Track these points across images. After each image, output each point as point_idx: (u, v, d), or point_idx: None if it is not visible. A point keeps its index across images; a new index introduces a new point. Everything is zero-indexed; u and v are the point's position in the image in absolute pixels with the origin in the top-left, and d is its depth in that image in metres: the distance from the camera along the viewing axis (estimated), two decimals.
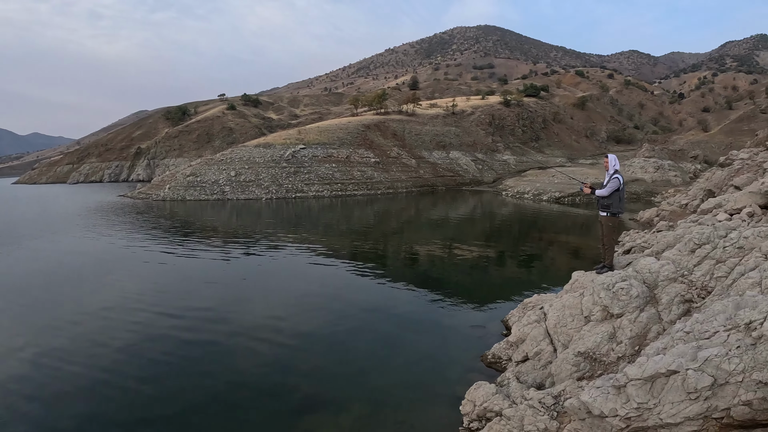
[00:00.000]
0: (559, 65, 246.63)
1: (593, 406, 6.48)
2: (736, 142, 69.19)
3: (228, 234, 30.69)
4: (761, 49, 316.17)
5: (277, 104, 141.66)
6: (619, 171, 11.74)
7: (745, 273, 8.37)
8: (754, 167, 24.27)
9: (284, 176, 56.26)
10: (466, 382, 9.69)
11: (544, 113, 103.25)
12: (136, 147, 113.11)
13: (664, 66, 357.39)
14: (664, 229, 19.56)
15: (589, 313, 9.41)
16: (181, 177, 55.86)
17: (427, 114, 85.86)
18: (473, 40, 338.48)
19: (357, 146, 66.18)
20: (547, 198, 50.91)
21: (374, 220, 39.75)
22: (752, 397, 5.54)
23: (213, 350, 12.45)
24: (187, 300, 16.72)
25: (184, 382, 10.73)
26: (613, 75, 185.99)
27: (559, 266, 21.43)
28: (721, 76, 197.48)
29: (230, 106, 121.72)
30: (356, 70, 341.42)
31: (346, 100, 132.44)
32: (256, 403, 9.83)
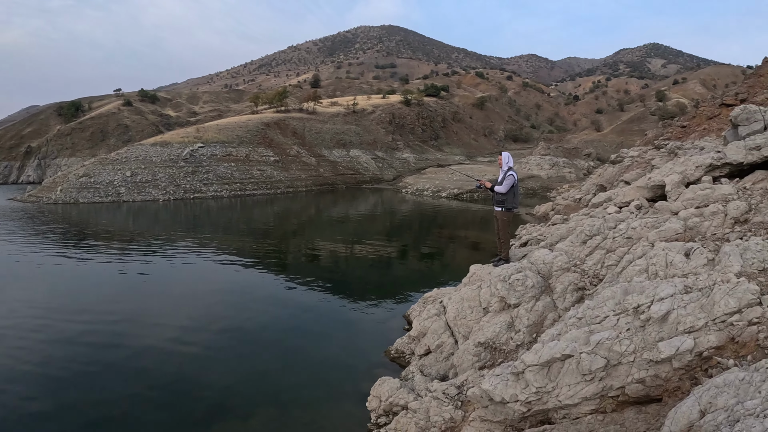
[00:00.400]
0: (460, 66, 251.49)
1: (494, 393, 6.59)
2: (626, 141, 72.67)
3: (124, 238, 29.31)
4: (653, 57, 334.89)
5: (175, 101, 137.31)
6: (513, 168, 12.01)
7: (633, 261, 8.77)
8: (643, 164, 25.58)
9: (182, 176, 54.52)
10: (371, 378, 9.66)
11: (444, 113, 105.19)
12: (26, 146, 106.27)
13: (561, 70, 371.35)
14: (559, 222, 20.27)
15: (488, 304, 9.60)
16: (74, 178, 52.96)
17: (328, 112, 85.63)
18: (377, 39, 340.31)
19: (257, 145, 65.10)
20: (446, 195, 51.88)
21: (275, 220, 39.24)
22: (644, 375, 5.78)
23: (111, 362, 11.82)
24: (82, 310, 15.79)
25: (80, 398, 10.13)
26: (512, 77, 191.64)
27: (459, 261, 21.83)
28: (615, 81, 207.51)
29: (126, 102, 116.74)
30: (258, 67, 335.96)
31: (246, 98, 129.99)
32: (160, 416, 9.42)
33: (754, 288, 6.08)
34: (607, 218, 11.71)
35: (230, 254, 24.35)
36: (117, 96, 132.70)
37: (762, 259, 7.25)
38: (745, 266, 7.19)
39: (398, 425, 8.02)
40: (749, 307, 5.90)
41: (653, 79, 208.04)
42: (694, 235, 9.51)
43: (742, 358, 5.53)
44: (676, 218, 10.33)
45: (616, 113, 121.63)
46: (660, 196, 15.00)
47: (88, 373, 11.21)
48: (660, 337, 5.96)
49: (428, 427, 7.63)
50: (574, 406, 6.14)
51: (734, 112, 16.06)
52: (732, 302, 5.93)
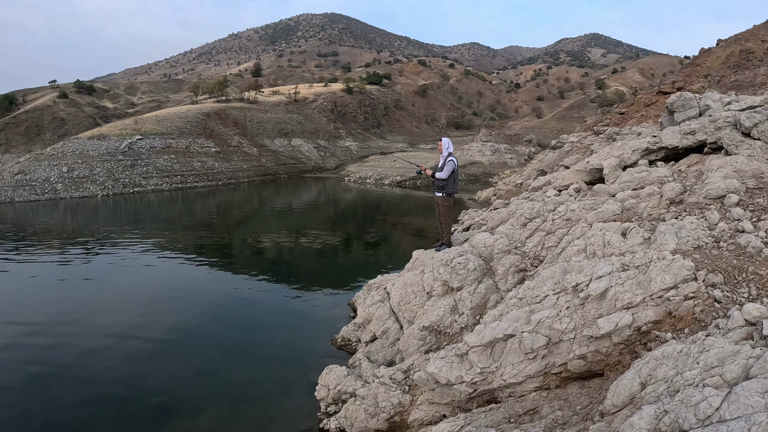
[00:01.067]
0: (402, 54, 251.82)
1: (440, 375, 6.62)
2: (567, 127, 73.94)
3: (63, 238, 28.24)
4: (593, 46, 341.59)
5: (113, 91, 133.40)
6: (452, 153, 12.06)
7: (572, 241, 8.93)
8: (582, 149, 26.10)
9: (120, 170, 52.96)
10: (319, 367, 9.61)
11: (386, 100, 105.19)
12: None
13: (502, 58, 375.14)
14: (500, 206, 20.52)
15: (431, 288, 9.64)
16: (9, 176, 50.72)
17: (269, 101, 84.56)
18: (319, 27, 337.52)
19: (197, 136, 63.78)
20: (389, 182, 51.98)
21: (217, 212, 38.60)
22: (585, 351, 5.90)
23: (55, 367, 11.41)
24: (21, 315, 15.19)
25: (27, 404, 9.78)
26: (454, 65, 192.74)
27: (403, 247, 21.88)
28: (555, 69, 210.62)
29: (62, 94, 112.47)
30: (198, 56, 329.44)
31: (186, 88, 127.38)
32: (109, 418, 9.18)
33: (689, 264, 6.26)
34: (547, 201, 11.90)
35: (173, 250, 23.84)
36: (52, 88, 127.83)
37: (696, 237, 7.47)
38: (680, 244, 7.39)
39: (347, 413, 8.01)
40: (685, 283, 6.07)
41: (593, 68, 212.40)
42: (631, 215, 9.74)
43: (679, 331, 5.69)
44: (613, 200, 10.56)
45: (557, 101, 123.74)
46: (598, 179, 15.32)
47: (33, 381, 10.78)
48: (599, 313, 6.08)
49: (377, 412, 7.64)
50: (519, 384, 6.22)
51: (670, 99, 16.50)
52: (668, 278, 6.09)
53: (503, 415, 6.02)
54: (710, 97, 15.98)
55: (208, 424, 8.89)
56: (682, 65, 66.69)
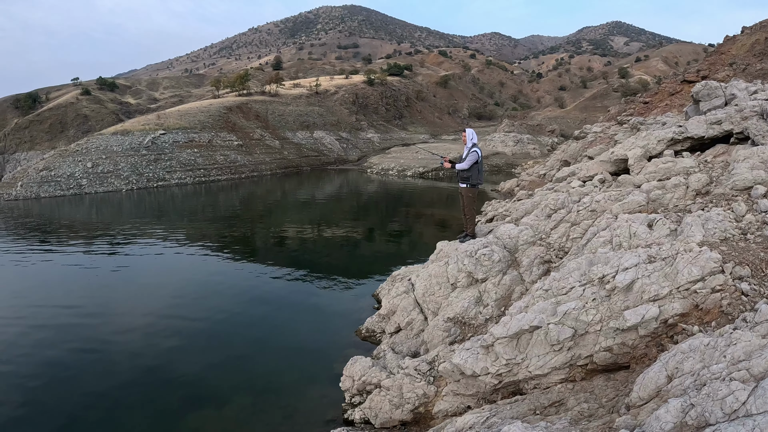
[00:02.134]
0: (423, 45, 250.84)
1: (465, 367, 6.65)
2: (590, 117, 73.26)
3: (89, 231, 28.66)
4: (615, 35, 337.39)
5: (135, 88, 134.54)
6: (477, 144, 12.03)
7: (598, 233, 8.88)
8: (606, 139, 25.93)
9: (144, 165, 53.43)
10: (343, 358, 9.67)
11: (407, 92, 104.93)
12: None
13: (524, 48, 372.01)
14: (524, 197, 20.46)
15: (455, 280, 9.66)
16: (34, 172, 51.49)
17: (290, 94, 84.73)
18: (338, 19, 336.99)
19: (219, 129, 64.14)
20: (412, 174, 51.91)
21: (240, 205, 38.86)
22: (612, 343, 5.89)
23: (84, 357, 11.64)
24: (52, 305, 15.46)
25: (56, 393, 9.98)
26: (475, 55, 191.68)
27: (426, 238, 21.90)
28: (578, 58, 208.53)
29: (85, 91, 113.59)
30: (218, 51, 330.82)
31: (207, 82, 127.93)
32: (136, 408, 9.32)
33: (716, 256, 6.21)
34: (571, 192, 11.86)
35: (197, 242, 24.08)
36: (75, 85, 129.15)
37: (723, 229, 7.41)
38: (707, 236, 7.34)
39: (372, 403, 8.07)
40: (712, 275, 6.03)
41: (616, 57, 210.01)
42: (656, 207, 9.67)
43: (706, 324, 5.66)
44: (638, 191, 10.48)
45: (579, 90, 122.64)
46: (623, 170, 15.20)
47: (61, 371, 11.01)
48: (625, 306, 6.07)
49: (402, 403, 7.69)
50: (544, 376, 6.23)
51: (696, 88, 16.28)
52: (695, 271, 6.05)
53: (528, 407, 6.03)
54: (736, 86, 15.78)
55: (233, 415, 8.99)
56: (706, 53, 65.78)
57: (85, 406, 9.55)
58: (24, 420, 9.18)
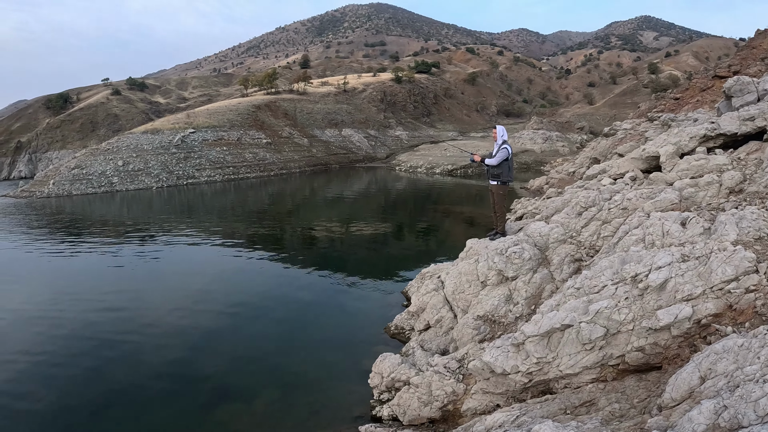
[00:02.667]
0: (450, 42, 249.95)
1: (495, 365, 6.64)
2: (619, 114, 72.49)
3: (120, 228, 29.20)
4: (645, 29, 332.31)
5: (164, 87, 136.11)
6: (507, 141, 11.98)
7: (630, 231, 8.79)
8: (636, 136, 25.59)
9: (174, 163, 54.11)
10: (372, 355, 9.71)
11: (435, 89, 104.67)
12: (15, 141, 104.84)
13: (552, 44, 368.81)
14: (553, 195, 20.33)
15: (485, 278, 9.63)
16: (66, 170, 52.42)
17: (318, 92, 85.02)
18: (365, 17, 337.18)
19: (248, 128, 64.65)
20: (440, 171, 51.78)
21: (269, 202, 39.15)
22: (644, 343, 5.84)
23: (114, 350, 11.85)
24: (82, 302, 15.75)
25: (85, 387, 10.17)
26: (502, 52, 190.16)
27: (455, 236, 21.85)
28: (606, 54, 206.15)
29: (115, 91, 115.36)
30: (246, 50, 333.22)
31: (235, 81, 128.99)
32: (165, 401, 9.49)
33: (750, 256, 6.13)
34: (602, 190, 11.74)
35: (226, 238, 24.35)
36: (105, 85, 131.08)
37: (758, 228, 7.29)
38: (741, 235, 7.23)
39: (401, 401, 8.09)
40: (746, 275, 5.95)
41: (645, 52, 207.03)
42: (689, 205, 9.55)
43: (740, 325, 5.59)
44: (671, 189, 10.36)
45: (609, 86, 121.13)
46: (654, 167, 15.03)
47: (92, 361, 11.26)
48: (658, 305, 6.01)
49: (431, 401, 7.71)
50: (575, 376, 6.20)
51: (727, 84, 16.03)
52: (729, 270, 5.98)
53: (559, 407, 6.01)
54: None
55: (261, 409, 9.07)
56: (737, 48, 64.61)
57: (114, 397, 9.74)
58: (54, 409, 9.41)
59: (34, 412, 9.32)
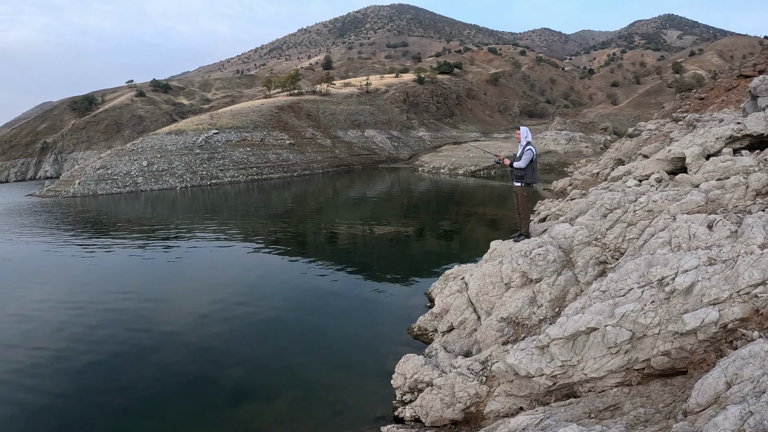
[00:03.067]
0: (472, 43, 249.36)
1: (519, 367, 6.64)
2: (644, 114, 71.87)
3: (145, 227, 29.60)
4: (668, 28, 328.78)
5: (188, 89, 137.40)
6: (531, 142, 11.97)
7: (656, 233, 8.73)
8: (661, 137, 25.36)
9: (198, 163, 54.63)
10: (395, 356, 9.72)
11: (457, 90, 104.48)
12: (42, 142, 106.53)
13: (574, 43, 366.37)
14: (577, 196, 20.22)
15: (509, 279, 9.63)
16: (91, 171, 53.18)
17: (341, 93, 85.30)
18: (387, 18, 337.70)
19: (271, 129, 65.04)
20: (463, 172, 51.66)
21: (292, 202, 39.35)
22: (670, 347, 5.81)
23: (136, 349, 12.00)
24: (107, 298, 16.02)
25: (109, 384, 10.31)
26: (525, 52, 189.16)
27: (478, 237, 21.81)
28: (630, 53, 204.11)
29: (139, 93, 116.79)
30: (269, 51, 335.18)
31: (258, 82, 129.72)
32: (187, 399, 9.58)
33: None
34: (627, 191, 11.67)
35: (249, 238, 24.55)
36: (129, 87, 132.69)
37: None
38: None
39: (423, 402, 8.11)
40: None
41: (669, 51, 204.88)
42: (715, 207, 9.47)
43: (766, 329, 5.54)
44: (697, 190, 10.28)
45: (632, 86, 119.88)
46: (680, 168, 14.91)
47: (115, 358, 11.45)
48: (685, 309, 5.98)
49: (453, 402, 7.72)
50: (600, 379, 6.18)
51: (753, 83, 15.87)
52: (756, 274, 5.92)
53: (583, 410, 5.99)
54: None
55: (283, 408, 9.11)
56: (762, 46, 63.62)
57: (136, 393, 9.87)
58: (75, 405, 9.58)
59: (55, 407, 9.51)
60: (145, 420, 9.01)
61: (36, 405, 9.61)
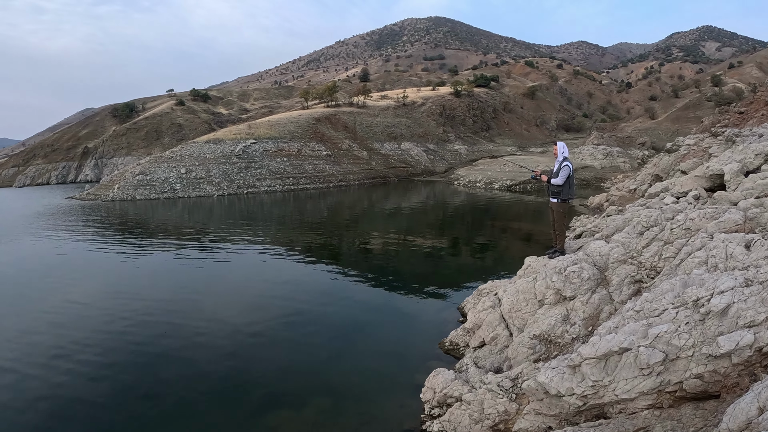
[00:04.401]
0: (509, 56, 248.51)
1: (550, 386, 6.60)
2: (682, 128, 70.76)
3: (180, 233, 30.14)
4: (707, 40, 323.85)
5: (226, 99, 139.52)
6: (568, 158, 11.90)
7: (692, 253, 8.59)
8: (699, 152, 24.94)
9: (235, 172, 55.44)
10: (425, 369, 9.74)
11: (494, 103, 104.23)
12: (83, 146, 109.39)
13: (612, 56, 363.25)
14: (614, 213, 19.98)
15: (543, 296, 9.57)
16: (130, 176, 54.40)
17: (378, 106, 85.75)
18: (424, 31, 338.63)
19: (308, 139, 65.69)
20: (499, 186, 51.42)
21: (328, 213, 39.58)
22: (703, 370, 5.71)
23: (168, 352, 12.22)
24: (141, 301, 16.34)
25: (140, 386, 10.50)
26: (562, 65, 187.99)
27: (512, 253, 21.70)
28: (668, 66, 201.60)
29: (179, 102, 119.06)
30: (306, 63, 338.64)
31: (296, 94, 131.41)
32: (216, 404, 9.69)
33: None
34: (665, 209, 11.50)
35: (283, 246, 24.80)
36: (169, 96, 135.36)
37: None
38: None
39: (452, 417, 8.09)
40: None
41: (708, 64, 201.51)
42: (754, 226, 9.28)
43: None
44: (735, 209, 10.09)
45: (671, 100, 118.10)
46: (718, 185, 14.67)
47: (145, 360, 11.69)
48: (719, 331, 5.88)
49: (482, 419, 7.69)
50: (631, 401, 6.10)
51: None
52: None
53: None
54: None
55: (312, 417, 9.15)
56: None
57: (165, 397, 10.04)
58: (104, 406, 9.75)
59: (83, 409, 9.70)
60: (173, 423, 9.16)
61: (62, 403, 9.87)
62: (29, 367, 11.55)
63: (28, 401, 9.97)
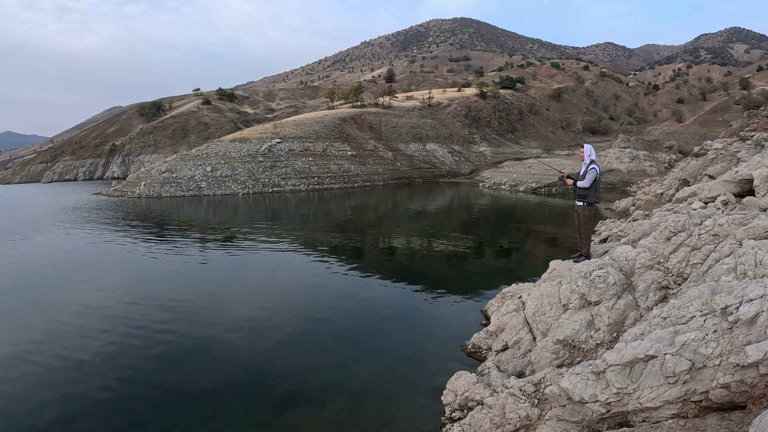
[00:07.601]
0: (535, 57, 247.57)
1: (573, 392, 6.53)
2: (710, 132, 69.94)
3: (205, 230, 30.42)
4: (735, 42, 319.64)
5: (252, 98, 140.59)
6: (595, 161, 11.81)
7: (721, 259, 8.47)
8: (728, 157, 24.58)
9: (261, 171, 55.83)
10: (446, 372, 9.72)
11: (520, 105, 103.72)
12: (110, 144, 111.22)
13: (639, 58, 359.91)
14: (640, 218, 19.78)
15: (567, 301, 9.49)
16: (157, 173, 55.05)
17: (403, 106, 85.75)
18: (449, 32, 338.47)
19: (333, 139, 65.93)
20: (524, 189, 51.14)
21: (352, 213, 39.64)
22: (730, 380, 5.62)
23: (189, 349, 12.30)
24: (164, 298, 16.49)
25: (161, 383, 10.58)
26: (588, 67, 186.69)
27: (537, 256, 21.55)
28: (696, 68, 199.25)
29: (205, 101, 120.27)
30: (332, 63, 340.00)
31: (322, 94, 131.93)
32: (236, 401, 9.74)
33: None
34: (692, 214, 11.35)
35: (307, 245, 24.89)
36: (196, 95, 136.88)
37: None
38: None
39: (473, 420, 8.05)
40: None
41: (736, 66, 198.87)
42: None
43: None
44: (764, 215, 9.93)
45: (698, 103, 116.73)
46: (747, 191, 14.45)
47: (165, 356, 11.80)
48: (747, 340, 5.78)
49: (503, 423, 7.64)
50: (655, 410, 6.02)
51: None
52: None
53: None
54: None
55: (331, 417, 9.15)
56: None
57: (184, 394, 10.11)
58: (123, 402, 9.81)
59: (103, 403, 9.79)
60: (192, 420, 9.22)
61: (82, 398, 9.96)
62: (52, 359, 11.73)
63: (52, 393, 10.09)
